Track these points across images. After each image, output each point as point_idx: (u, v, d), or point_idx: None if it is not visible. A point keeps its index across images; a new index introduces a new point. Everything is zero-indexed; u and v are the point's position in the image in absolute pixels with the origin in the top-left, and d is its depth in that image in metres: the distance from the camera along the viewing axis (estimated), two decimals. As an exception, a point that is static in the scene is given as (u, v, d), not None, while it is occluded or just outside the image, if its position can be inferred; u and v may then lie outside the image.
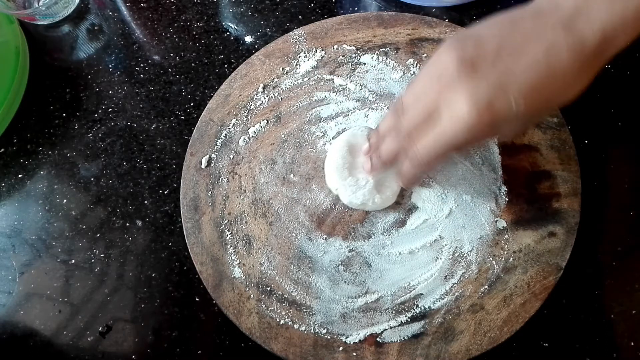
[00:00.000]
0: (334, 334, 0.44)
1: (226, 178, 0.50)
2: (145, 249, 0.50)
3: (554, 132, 0.49)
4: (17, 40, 0.56)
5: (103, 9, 0.61)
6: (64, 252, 0.50)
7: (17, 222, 0.52)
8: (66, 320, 0.48)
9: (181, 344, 0.47)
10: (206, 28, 0.59)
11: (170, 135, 0.55)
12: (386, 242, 0.47)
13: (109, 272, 0.49)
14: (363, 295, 0.45)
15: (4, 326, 0.48)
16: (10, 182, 0.54)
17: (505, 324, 0.44)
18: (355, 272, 0.46)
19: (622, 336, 0.46)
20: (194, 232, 0.48)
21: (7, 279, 0.50)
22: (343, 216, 0.48)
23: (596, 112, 0.53)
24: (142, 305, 0.48)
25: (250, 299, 0.45)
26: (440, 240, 0.47)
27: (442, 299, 0.45)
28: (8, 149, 0.55)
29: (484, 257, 0.46)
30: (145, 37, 0.60)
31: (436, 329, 0.44)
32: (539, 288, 0.44)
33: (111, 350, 0.47)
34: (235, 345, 0.47)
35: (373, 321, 0.45)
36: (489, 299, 0.45)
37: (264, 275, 0.46)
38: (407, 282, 0.46)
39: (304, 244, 0.47)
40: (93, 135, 0.55)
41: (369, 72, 0.53)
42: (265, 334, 0.44)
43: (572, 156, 0.48)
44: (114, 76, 0.58)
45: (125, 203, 0.52)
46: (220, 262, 0.47)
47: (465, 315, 0.44)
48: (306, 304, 0.45)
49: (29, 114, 0.56)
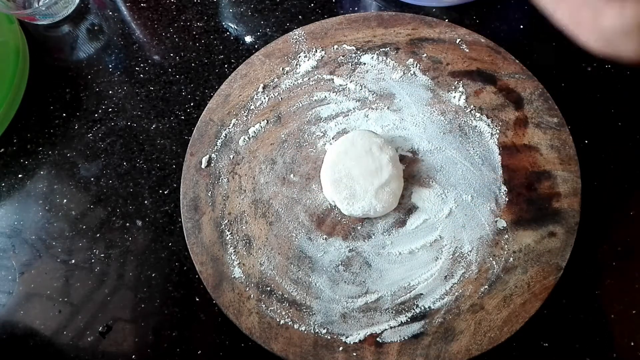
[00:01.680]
0: (334, 334, 0.44)
1: (226, 178, 0.50)
2: (145, 249, 0.50)
3: (554, 132, 0.49)
4: (17, 40, 0.56)
5: (103, 9, 0.61)
6: (64, 252, 0.50)
7: (17, 222, 0.52)
8: (66, 320, 0.48)
9: (181, 344, 0.47)
10: (206, 28, 0.59)
11: (170, 135, 0.55)
12: (386, 242, 0.47)
13: (109, 272, 0.50)
14: (363, 295, 0.45)
15: (4, 326, 0.48)
16: (10, 182, 0.54)
17: (505, 324, 0.44)
18: (355, 272, 0.46)
19: (622, 336, 0.46)
20: (194, 232, 0.48)
21: (7, 279, 0.50)
22: (343, 216, 0.48)
23: (596, 112, 0.53)
24: (142, 305, 0.48)
25: (250, 299, 0.45)
26: (440, 240, 0.47)
27: (442, 299, 0.45)
28: (8, 149, 0.55)
29: (484, 257, 0.46)
30: (145, 37, 0.60)
31: (436, 329, 0.44)
32: (539, 288, 0.44)
33: (111, 350, 0.47)
34: (235, 345, 0.47)
35: (373, 321, 0.45)
36: (489, 299, 0.45)
37: (264, 275, 0.46)
38: (407, 282, 0.46)
39: (304, 244, 0.47)
40: (93, 135, 0.55)
41: (369, 72, 0.53)
42: (265, 334, 0.44)
43: (572, 156, 0.48)
44: (114, 76, 0.58)
45: (125, 203, 0.52)
46: (220, 262, 0.47)
47: (465, 315, 0.44)
48: (306, 304, 0.45)
49: (29, 114, 0.56)
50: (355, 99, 0.52)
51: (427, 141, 0.50)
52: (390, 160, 0.47)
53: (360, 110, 0.51)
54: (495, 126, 0.50)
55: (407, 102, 0.51)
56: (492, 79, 0.51)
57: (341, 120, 0.51)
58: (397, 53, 0.53)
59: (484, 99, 0.51)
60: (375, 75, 0.52)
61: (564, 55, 0.56)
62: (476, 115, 0.50)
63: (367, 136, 0.47)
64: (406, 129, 0.51)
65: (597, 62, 0.55)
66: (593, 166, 0.51)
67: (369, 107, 0.51)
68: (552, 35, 0.57)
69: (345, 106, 0.52)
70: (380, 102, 0.52)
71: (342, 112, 0.51)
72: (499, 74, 0.51)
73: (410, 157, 0.50)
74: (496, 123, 0.50)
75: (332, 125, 0.51)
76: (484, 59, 0.52)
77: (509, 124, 0.50)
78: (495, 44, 0.52)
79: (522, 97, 0.51)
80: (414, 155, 0.50)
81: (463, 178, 0.48)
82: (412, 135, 0.50)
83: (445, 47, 0.53)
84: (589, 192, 0.49)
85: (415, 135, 0.50)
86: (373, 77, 0.52)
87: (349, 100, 0.52)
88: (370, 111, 0.51)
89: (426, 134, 0.50)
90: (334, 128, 0.51)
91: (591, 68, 0.55)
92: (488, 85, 0.51)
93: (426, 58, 0.53)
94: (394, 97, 0.52)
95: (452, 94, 0.51)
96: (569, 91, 0.54)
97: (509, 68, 0.51)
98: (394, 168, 0.47)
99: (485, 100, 0.51)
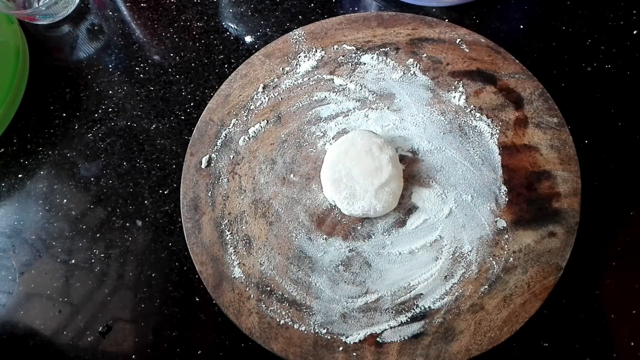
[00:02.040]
0: (334, 334, 0.44)
1: (226, 178, 0.50)
2: (145, 249, 0.50)
3: (554, 132, 0.49)
4: (17, 40, 0.56)
5: (103, 9, 0.61)
6: (64, 252, 0.50)
7: (17, 222, 0.52)
8: (66, 320, 0.48)
9: (181, 344, 0.47)
10: (206, 28, 0.59)
11: (170, 135, 0.55)
12: (386, 242, 0.47)
13: (109, 272, 0.50)
14: (363, 295, 0.45)
15: (4, 326, 0.48)
16: (10, 182, 0.54)
17: (505, 324, 0.44)
18: (355, 272, 0.46)
19: (622, 336, 0.46)
20: (194, 232, 0.48)
21: (7, 279, 0.50)
22: (343, 216, 0.48)
23: (596, 112, 0.53)
24: (142, 305, 0.48)
25: (250, 299, 0.45)
26: (440, 240, 0.47)
27: (442, 299, 0.45)
28: (8, 149, 0.55)
29: (484, 257, 0.46)
30: (145, 37, 0.60)
31: (436, 329, 0.44)
32: (539, 288, 0.44)
33: (111, 350, 0.47)
34: (235, 345, 0.47)
35: (373, 321, 0.45)
36: (489, 299, 0.45)
37: (264, 275, 0.46)
38: (407, 282, 0.46)
39: (304, 244, 0.47)
40: (93, 135, 0.55)
41: (369, 72, 0.53)
42: (265, 334, 0.44)
43: (572, 156, 0.48)
44: (114, 76, 0.58)
45: (125, 203, 0.52)
46: (220, 262, 0.47)
47: (465, 315, 0.44)
48: (306, 304, 0.45)
49: (29, 114, 0.56)
50: (355, 99, 0.52)
51: (427, 141, 0.50)
52: (390, 160, 0.47)
53: (360, 110, 0.51)
54: (495, 126, 0.50)
55: (407, 102, 0.51)
56: (492, 79, 0.51)
57: (341, 120, 0.51)
58: (397, 53, 0.53)
59: (484, 99, 0.51)
60: (375, 75, 0.52)
61: (564, 55, 0.56)
62: (476, 115, 0.50)
63: (367, 136, 0.47)
64: (406, 129, 0.51)
65: (597, 62, 0.55)
66: (593, 166, 0.51)
67: (369, 107, 0.51)
68: (552, 36, 0.57)
69: (345, 106, 0.52)
70: (380, 102, 0.51)
71: (342, 112, 0.51)
72: (499, 74, 0.51)
73: (410, 157, 0.50)
74: (496, 123, 0.50)
75: (332, 125, 0.51)
76: (484, 59, 0.52)
77: (509, 124, 0.50)
78: (495, 44, 0.52)
79: (522, 97, 0.50)
80: (414, 155, 0.50)
81: (463, 178, 0.48)
82: (412, 135, 0.50)
83: (445, 47, 0.53)
84: (589, 192, 0.49)
85: (415, 135, 0.50)
86: (373, 77, 0.52)
87: (349, 100, 0.52)
88: (370, 111, 0.51)
89: (426, 134, 0.50)
90: (334, 128, 0.51)
91: (591, 68, 0.55)
92: (488, 85, 0.51)
93: (426, 58, 0.53)
94: (394, 97, 0.52)
95: (452, 94, 0.51)
96: (569, 91, 0.54)
97: (509, 68, 0.51)
98: (394, 168, 0.47)
99: (485, 100, 0.51)
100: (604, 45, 0.56)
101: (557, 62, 0.55)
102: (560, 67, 0.55)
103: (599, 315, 0.47)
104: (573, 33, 0.57)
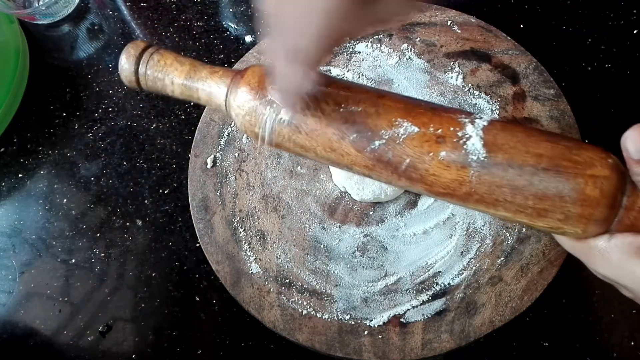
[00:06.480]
0: (357, 319, 0.44)
1: (233, 176, 0.50)
2: (145, 248, 0.50)
3: (552, 103, 0.50)
4: (17, 40, 0.56)
5: (103, 8, 0.61)
6: (64, 252, 0.50)
7: (17, 222, 0.52)
8: (66, 319, 0.48)
9: (181, 344, 0.47)
10: (206, 28, 0.59)
11: (170, 135, 0.55)
12: (400, 224, 0.47)
13: (109, 272, 0.49)
14: (382, 279, 0.46)
15: (4, 326, 0.48)
16: (10, 182, 0.54)
17: (525, 293, 0.44)
18: (372, 256, 0.46)
19: (622, 336, 0.46)
20: (207, 232, 0.48)
21: (7, 279, 0.50)
22: (354, 203, 0.48)
23: (596, 111, 0.53)
24: (142, 305, 0.48)
25: (270, 293, 0.45)
26: (452, 217, 0.47)
27: (460, 275, 0.45)
28: (8, 149, 0.55)
29: (497, 230, 0.46)
30: (145, 37, 0.60)
31: (458, 304, 0.44)
32: (554, 255, 0.45)
33: (111, 350, 0.47)
34: (236, 345, 0.47)
35: (395, 302, 0.45)
36: (507, 270, 0.45)
37: (281, 268, 0.46)
38: (425, 262, 0.46)
39: (318, 234, 0.47)
40: (93, 135, 0.55)
41: (365, 60, 0.53)
42: (289, 325, 0.44)
43: (572, 125, 0.49)
44: (114, 76, 0.58)
45: (125, 203, 0.52)
46: (236, 260, 0.47)
47: (485, 288, 0.44)
48: (327, 292, 0.45)
49: (29, 114, 0.56)
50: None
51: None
52: None
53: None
54: (495, 102, 0.50)
55: (405, 86, 0.52)
56: (487, 57, 0.52)
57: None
58: (391, 39, 0.53)
59: (481, 77, 0.51)
60: (372, 63, 0.53)
61: (563, 55, 0.56)
62: (475, 93, 0.51)
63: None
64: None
65: (597, 61, 0.55)
66: (593, 166, 0.51)
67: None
68: (552, 35, 0.57)
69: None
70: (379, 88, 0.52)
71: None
72: (493, 52, 0.52)
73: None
74: (495, 99, 0.51)
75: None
76: (476, 38, 0.53)
77: (507, 99, 0.50)
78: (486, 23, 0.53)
79: (517, 72, 0.51)
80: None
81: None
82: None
83: (437, 29, 0.53)
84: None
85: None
86: (369, 64, 0.53)
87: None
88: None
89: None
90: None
91: (591, 68, 0.55)
92: (483, 63, 0.52)
93: (420, 42, 0.53)
94: (392, 82, 0.52)
95: (449, 75, 0.52)
96: (569, 91, 0.54)
97: (501, 45, 0.52)
98: None
99: (482, 78, 0.51)
100: (604, 45, 0.56)
101: (557, 62, 0.55)
102: (560, 66, 0.55)
103: (600, 315, 0.47)
104: (573, 33, 0.57)
